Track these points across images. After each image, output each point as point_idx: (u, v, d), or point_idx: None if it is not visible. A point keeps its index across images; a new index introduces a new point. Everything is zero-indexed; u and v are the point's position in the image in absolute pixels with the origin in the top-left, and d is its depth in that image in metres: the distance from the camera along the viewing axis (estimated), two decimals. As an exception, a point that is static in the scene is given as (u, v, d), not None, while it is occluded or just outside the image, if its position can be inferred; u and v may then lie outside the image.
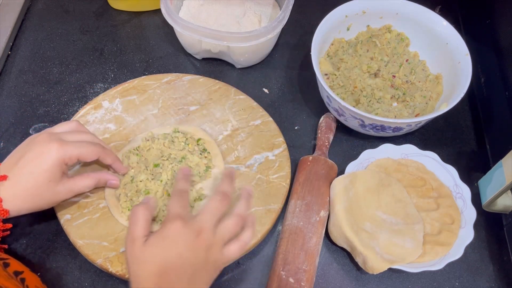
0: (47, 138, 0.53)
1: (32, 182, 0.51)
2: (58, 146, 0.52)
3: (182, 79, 0.71)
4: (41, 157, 0.51)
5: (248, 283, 0.58)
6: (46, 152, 0.52)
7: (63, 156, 0.52)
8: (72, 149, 0.53)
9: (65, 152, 0.52)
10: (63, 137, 0.54)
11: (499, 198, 0.58)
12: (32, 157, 0.52)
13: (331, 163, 0.64)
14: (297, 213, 0.59)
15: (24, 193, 0.51)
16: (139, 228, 0.49)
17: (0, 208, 0.50)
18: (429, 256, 0.57)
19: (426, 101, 0.70)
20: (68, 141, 0.53)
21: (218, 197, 0.52)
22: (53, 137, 0.53)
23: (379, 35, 0.74)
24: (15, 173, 0.51)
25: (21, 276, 0.51)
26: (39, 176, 0.51)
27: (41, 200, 0.53)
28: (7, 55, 0.76)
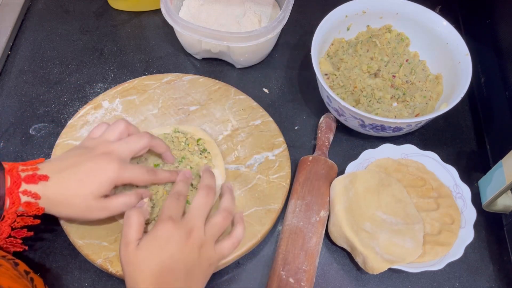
0: (108, 156, 0.52)
1: (75, 190, 0.51)
2: (118, 168, 0.52)
3: (182, 79, 0.71)
4: (97, 172, 0.51)
5: (248, 283, 0.58)
6: (104, 170, 0.51)
7: (118, 179, 0.52)
8: (128, 175, 0.53)
9: (121, 176, 0.52)
10: (122, 153, 0.53)
11: (499, 198, 0.58)
12: (88, 169, 0.51)
13: (331, 163, 0.64)
14: (297, 213, 0.59)
15: (62, 197, 0.51)
16: (132, 231, 0.49)
17: (37, 206, 0.50)
18: (429, 256, 0.57)
19: (426, 101, 0.70)
20: (127, 165, 0.53)
21: (203, 192, 0.52)
22: (114, 156, 0.52)
23: (379, 35, 0.74)
24: (61, 177, 0.51)
25: (30, 275, 0.51)
26: (85, 186, 0.51)
27: (74, 210, 0.52)
28: (7, 55, 0.76)
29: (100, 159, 0.52)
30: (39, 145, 0.68)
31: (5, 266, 0.49)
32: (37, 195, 0.49)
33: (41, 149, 0.67)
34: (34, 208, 0.50)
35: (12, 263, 0.51)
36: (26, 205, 0.49)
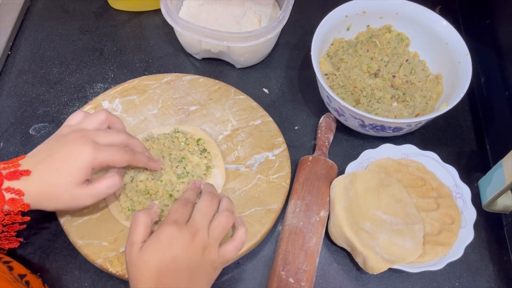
0: (81, 139, 0.52)
1: (56, 180, 0.50)
2: (92, 150, 0.51)
3: (182, 79, 0.71)
4: (72, 158, 0.51)
5: (248, 283, 0.58)
6: (78, 154, 0.51)
7: (94, 161, 0.51)
8: (104, 155, 0.52)
9: (97, 157, 0.51)
10: (96, 138, 0.53)
11: (499, 198, 0.58)
12: (63, 155, 0.51)
13: (331, 163, 0.64)
14: (297, 213, 0.59)
15: (44, 190, 0.50)
16: (138, 232, 0.48)
17: (22, 202, 0.50)
18: (429, 256, 0.57)
19: (426, 101, 0.70)
20: (101, 146, 0.52)
21: (207, 197, 0.52)
22: (87, 139, 0.52)
23: (379, 35, 0.74)
24: (41, 169, 0.50)
25: (25, 279, 0.51)
26: (63, 175, 0.50)
27: (58, 201, 0.52)
28: (7, 55, 0.76)
29: (73, 143, 0.51)
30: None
31: (2, 269, 0.49)
32: (20, 192, 0.49)
33: (41, 149, 0.67)
34: (19, 205, 0.49)
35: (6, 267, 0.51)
36: (11, 202, 0.49)
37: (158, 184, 0.59)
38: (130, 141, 0.56)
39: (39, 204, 0.51)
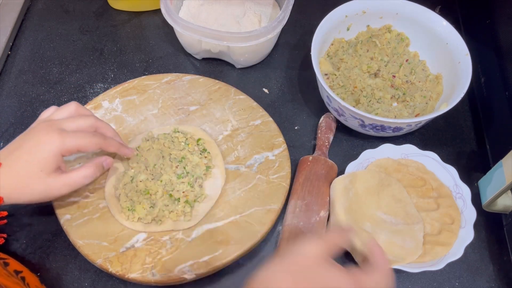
0: (47, 128, 0.52)
1: (26, 170, 0.50)
2: (58, 137, 0.51)
3: (182, 79, 0.71)
4: (39, 147, 0.50)
5: (248, 283, 0.58)
6: (44, 142, 0.51)
7: (62, 148, 0.51)
8: (71, 141, 0.51)
9: (63, 143, 0.51)
10: (64, 126, 0.53)
11: (499, 198, 0.58)
12: (30, 146, 0.51)
13: (331, 163, 0.64)
14: (297, 213, 0.59)
15: (16, 182, 0.50)
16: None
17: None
18: (429, 256, 0.57)
19: (426, 101, 0.70)
20: (68, 132, 0.52)
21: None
22: (53, 127, 0.52)
23: (379, 35, 0.74)
24: (11, 160, 0.50)
25: (21, 275, 0.51)
26: (33, 165, 0.50)
27: (33, 191, 0.51)
28: (7, 55, 0.76)
29: (40, 133, 0.51)
30: (39, 145, 0.68)
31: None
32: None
33: (41, 149, 0.67)
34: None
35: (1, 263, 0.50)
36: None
37: (158, 184, 0.59)
38: (99, 124, 0.56)
39: (13, 197, 0.51)
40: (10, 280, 0.47)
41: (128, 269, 0.54)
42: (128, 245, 0.56)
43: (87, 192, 0.60)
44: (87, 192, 0.60)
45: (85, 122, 0.54)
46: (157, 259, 0.55)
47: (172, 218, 0.58)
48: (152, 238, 0.57)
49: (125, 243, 0.56)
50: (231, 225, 0.58)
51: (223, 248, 0.57)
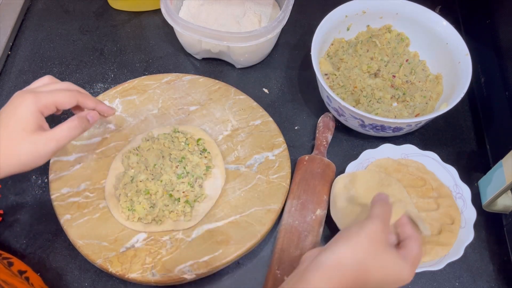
0: (21, 93, 0.52)
1: (7, 134, 0.49)
2: (32, 96, 0.51)
3: (182, 79, 0.71)
4: (15, 109, 0.50)
5: (248, 283, 0.58)
6: (20, 103, 0.50)
7: (38, 105, 0.51)
8: (46, 97, 0.51)
9: (39, 101, 0.51)
10: (38, 89, 0.53)
11: (499, 198, 0.58)
12: (7, 111, 0.51)
13: (327, 162, 0.64)
14: (293, 212, 0.59)
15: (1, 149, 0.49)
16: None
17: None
18: (429, 256, 0.57)
19: (426, 101, 0.70)
20: (42, 91, 0.52)
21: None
22: (27, 91, 0.52)
23: (379, 35, 0.74)
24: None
25: (25, 275, 0.51)
26: (13, 127, 0.50)
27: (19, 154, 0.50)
28: (7, 55, 0.76)
29: (14, 98, 0.52)
30: (39, 145, 0.68)
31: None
32: None
33: (41, 149, 0.67)
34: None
35: (5, 263, 0.51)
36: None
37: (158, 184, 0.59)
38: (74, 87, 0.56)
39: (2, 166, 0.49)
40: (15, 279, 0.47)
41: (128, 269, 0.54)
42: (128, 245, 0.56)
43: (87, 192, 0.60)
44: (87, 192, 0.60)
45: (61, 85, 0.55)
46: (157, 259, 0.55)
47: (172, 218, 0.58)
48: (152, 238, 0.57)
49: (125, 243, 0.56)
50: (231, 225, 0.58)
51: (223, 248, 0.57)
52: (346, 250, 0.42)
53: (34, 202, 0.62)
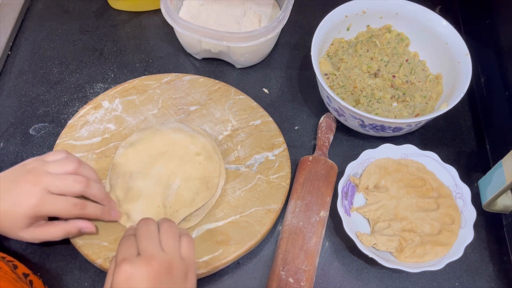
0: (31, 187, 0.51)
1: (3, 222, 0.51)
2: (36, 203, 0.50)
3: (182, 79, 0.71)
4: (16, 205, 0.50)
5: (248, 283, 0.58)
6: (21, 202, 0.50)
7: (36, 213, 0.51)
8: (48, 208, 0.51)
9: (39, 210, 0.51)
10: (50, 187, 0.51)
11: (499, 198, 0.58)
12: (9, 199, 0.51)
13: (331, 163, 0.64)
14: (297, 213, 0.59)
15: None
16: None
17: None
18: (429, 256, 0.57)
19: (426, 101, 0.70)
20: (48, 197, 0.51)
21: (141, 221, 0.49)
22: (37, 188, 0.51)
23: (379, 35, 0.74)
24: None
25: (29, 278, 0.51)
26: (7, 218, 0.51)
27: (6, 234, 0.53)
28: (7, 55, 0.76)
29: (23, 189, 0.51)
30: (39, 145, 0.68)
31: (4, 269, 0.49)
32: None
33: (41, 149, 0.67)
34: None
35: (11, 266, 0.51)
36: None
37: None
38: (88, 191, 0.54)
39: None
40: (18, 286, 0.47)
41: (128, 269, 0.54)
42: (128, 245, 0.56)
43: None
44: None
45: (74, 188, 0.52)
46: (157, 259, 0.55)
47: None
48: (152, 238, 0.57)
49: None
50: (231, 225, 0.59)
51: (223, 248, 0.57)
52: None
53: (34, 202, 0.62)
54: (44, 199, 0.51)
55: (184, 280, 0.46)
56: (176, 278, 0.45)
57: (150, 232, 0.48)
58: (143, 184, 0.59)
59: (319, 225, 0.59)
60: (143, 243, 0.46)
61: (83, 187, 0.53)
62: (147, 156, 0.61)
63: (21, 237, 0.53)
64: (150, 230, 0.48)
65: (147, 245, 0.46)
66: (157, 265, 0.44)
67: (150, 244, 0.46)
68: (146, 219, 0.50)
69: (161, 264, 0.45)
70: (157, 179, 0.59)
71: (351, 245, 0.60)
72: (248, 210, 0.60)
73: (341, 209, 0.59)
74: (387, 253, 0.59)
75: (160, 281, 0.44)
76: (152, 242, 0.47)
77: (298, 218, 0.59)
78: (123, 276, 0.43)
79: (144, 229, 0.48)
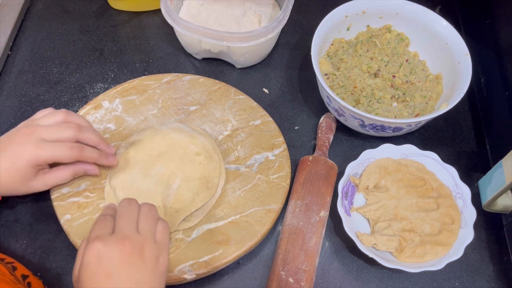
0: (26, 137, 0.54)
1: (7, 178, 0.53)
2: (33, 149, 0.53)
3: (182, 79, 0.71)
4: (16, 157, 0.53)
5: (248, 283, 0.58)
6: (20, 153, 0.53)
7: (36, 160, 0.53)
8: (46, 154, 0.53)
9: (38, 156, 0.53)
10: (43, 135, 0.54)
11: (499, 198, 0.58)
12: (8, 155, 0.53)
13: (331, 163, 0.64)
14: (297, 213, 0.59)
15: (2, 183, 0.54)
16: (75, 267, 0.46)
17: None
18: (429, 256, 0.57)
19: (426, 101, 0.70)
20: (44, 143, 0.53)
21: (124, 200, 0.50)
22: (32, 137, 0.53)
23: (379, 35, 0.74)
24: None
25: (28, 280, 0.51)
26: (12, 174, 0.53)
27: (15, 191, 0.56)
28: (7, 55, 0.76)
29: (19, 142, 0.53)
30: (39, 145, 0.68)
31: (2, 271, 0.49)
32: None
33: (41, 149, 0.67)
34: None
35: (10, 267, 0.51)
36: None
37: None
38: (81, 135, 0.56)
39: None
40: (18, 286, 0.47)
41: (128, 269, 0.54)
42: (128, 245, 0.56)
43: (87, 192, 0.60)
44: (87, 192, 0.60)
45: (67, 133, 0.55)
46: (157, 259, 0.55)
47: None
48: (152, 238, 0.57)
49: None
50: (231, 225, 0.59)
51: (223, 248, 0.57)
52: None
53: (34, 202, 0.62)
54: (41, 145, 0.53)
55: (155, 264, 0.46)
56: (147, 261, 0.45)
57: (130, 213, 0.48)
58: (143, 184, 0.59)
59: (319, 225, 0.59)
60: (120, 222, 0.47)
61: (76, 131, 0.55)
62: (147, 156, 0.61)
63: (33, 187, 0.56)
64: (130, 210, 0.49)
65: (123, 224, 0.47)
66: (129, 246, 0.45)
67: (126, 224, 0.47)
68: (129, 199, 0.51)
69: (133, 245, 0.45)
70: (157, 179, 0.59)
71: (351, 245, 0.60)
72: (248, 210, 0.60)
73: (341, 209, 0.59)
74: (387, 253, 0.59)
75: (130, 262, 0.44)
76: (129, 222, 0.47)
77: (298, 218, 0.59)
78: (93, 254, 0.43)
79: (124, 209, 0.49)
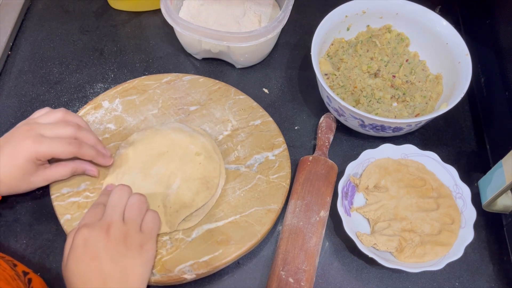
0: (25, 133, 0.54)
1: (8, 175, 0.54)
2: (32, 144, 0.53)
3: (182, 79, 0.71)
4: (15, 153, 0.53)
5: (248, 283, 0.58)
6: (19, 149, 0.53)
7: (35, 154, 0.54)
8: (45, 148, 0.54)
9: (37, 151, 0.53)
10: (42, 131, 0.55)
11: (499, 198, 0.58)
12: (7, 152, 0.54)
13: (331, 163, 0.64)
14: (297, 213, 0.59)
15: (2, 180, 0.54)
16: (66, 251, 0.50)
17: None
18: (429, 256, 0.57)
19: (426, 101, 0.70)
20: (43, 138, 0.54)
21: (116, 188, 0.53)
22: (31, 133, 0.54)
23: (379, 35, 0.74)
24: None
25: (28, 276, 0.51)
26: (12, 170, 0.54)
27: (17, 188, 0.56)
28: (7, 55, 0.76)
29: (18, 138, 0.54)
30: (39, 145, 0.68)
31: (2, 266, 0.49)
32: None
33: (41, 149, 0.67)
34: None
35: (11, 264, 0.51)
36: None
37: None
38: (79, 134, 0.57)
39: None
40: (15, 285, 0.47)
41: (128, 269, 0.54)
42: (128, 245, 0.56)
43: (87, 192, 0.60)
44: (87, 192, 0.60)
45: (65, 130, 0.56)
46: (157, 259, 0.55)
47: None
48: (152, 238, 0.57)
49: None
50: (231, 225, 0.59)
51: (223, 248, 0.57)
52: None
53: (34, 202, 0.62)
54: (39, 140, 0.54)
55: (138, 251, 0.49)
56: (131, 248, 0.49)
57: (118, 201, 0.52)
58: (143, 184, 0.59)
59: (319, 225, 0.59)
60: (108, 210, 0.51)
61: (75, 129, 0.56)
62: (147, 156, 0.61)
63: (33, 182, 0.56)
64: (120, 199, 0.52)
65: (110, 212, 0.51)
66: (113, 233, 0.48)
67: (113, 212, 0.50)
68: (122, 186, 0.53)
69: (117, 232, 0.49)
70: (157, 179, 0.59)
71: (351, 245, 0.60)
72: (248, 210, 0.60)
73: (341, 209, 0.59)
74: (387, 253, 0.59)
75: (114, 247, 0.48)
76: (116, 210, 0.51)
77: (298, 218, 0.59)
78: (81, 238, 0.48)
79: (115, 197, 0.52)
